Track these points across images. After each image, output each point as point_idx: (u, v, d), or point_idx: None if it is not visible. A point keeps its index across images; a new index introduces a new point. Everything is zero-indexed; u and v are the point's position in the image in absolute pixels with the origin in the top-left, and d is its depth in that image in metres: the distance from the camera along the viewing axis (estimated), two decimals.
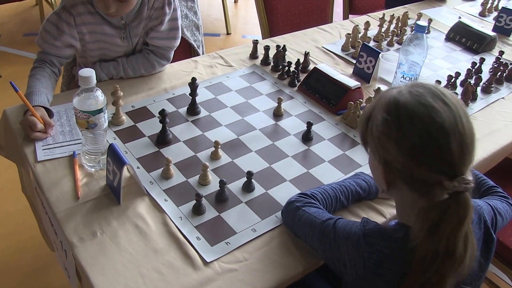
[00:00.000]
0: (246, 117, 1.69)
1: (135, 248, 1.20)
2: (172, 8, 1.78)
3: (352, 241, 1.06)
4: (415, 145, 0.96)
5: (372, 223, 1.08)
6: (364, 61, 1.98)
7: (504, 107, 1.96)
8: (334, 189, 1.32)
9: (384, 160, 1.03)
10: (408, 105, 0.98)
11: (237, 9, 5.21)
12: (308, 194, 1.27)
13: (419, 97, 0.98)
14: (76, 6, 1.63)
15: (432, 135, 0.95)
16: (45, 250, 1.98)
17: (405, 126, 0.97)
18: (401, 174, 1.01)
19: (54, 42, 1.65)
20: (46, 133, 1.48)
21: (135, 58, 1.81)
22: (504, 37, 2.52)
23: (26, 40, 4.05)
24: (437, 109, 0.96)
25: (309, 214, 1.20)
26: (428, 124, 0.96)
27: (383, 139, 1.01)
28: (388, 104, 1.01)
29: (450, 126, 0.95)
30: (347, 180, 1.38)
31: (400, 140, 0.98)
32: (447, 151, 0.95)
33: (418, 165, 0.97)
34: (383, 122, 1.00)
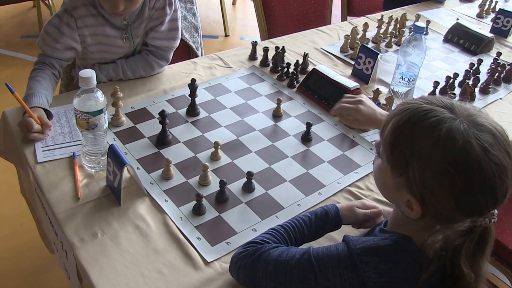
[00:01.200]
0: (245, 118, 1.70)
1: (136, 249, 1.20)
2: (173, 9, 1.79)
3: (346, 265, 0.99)
4: (477, 204, 0.92)
5: (356, 240, 1.02)
6: (362, 62, 1.99)
7: (502, 108, 1.96)
8: (286, 226, 1.16)
9: (424, 200, 0.95)
10: (483, 167, 0.89)
11: (235, 11, 5.22)
12: (258, 241, 1.10)
13: (491, 154, 0.89)
14: (77, 9, 1.63)
15: (496, 196, 0.91)
16: (44, 253, 1.97)
17: (474, 189, 0.90)
18: (439, 214, 0.96)
19: (55, 44, 1.65)
20: (44, 133, 1.48)
21: (134, 59, 1.81)
22: (501, 39, 2.53)
23: (23, 42, 4.04)
24: (506, 167, 0.90)
25: (276, 259, 1.04)
26: (497, 187, 0.90)
27: (439, 190, 0.92)
28: (454, 156, 0.89)
29: (511, 181, 0.92)
30: (301, 215, 1.21)
31: (462, 199, 0.91)
32: (500, 204, 0.94)
33: (465, 215, 0.95)
34: (448, 178, 0.90)
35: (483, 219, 0.94)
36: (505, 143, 0.92)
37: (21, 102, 1.44)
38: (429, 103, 0.97)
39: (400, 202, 1.00)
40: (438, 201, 0.93)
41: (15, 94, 1.42)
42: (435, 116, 0.93)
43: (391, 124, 0.99)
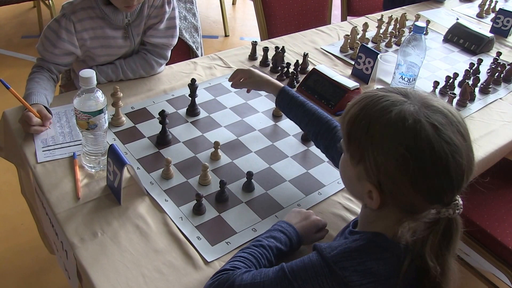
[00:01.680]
0: (245, 118, 1.70)
1: (136, 248, 1.20)
2: (171, 7, 1.80)
3: (325, 274, 0.96)
4: (433, 186, 0.91)
5: (328, 248, 0.99)
6: (362, 62, 1.99)
7: (502, 108, 1.97)
8: (252, 253, 1.12)
9: (382, 186, 0.95)
10: (434, 145, 0.89)
11: (235, 11, 5.22)
12: (228, 269, 1.08)
13: (442, 132, 0.90)
14: (76, 13, 1.63)
15: (451, 176, 0.91)
16: (44, 253, 1.98)
17: (427, 169, 0.90)
18: (399, 202, 0.96)
19: (53, 49, 1.65)
20: (44, 126, 1.49)
21: (132, 59, 1.81)
22: (501, 38, 2.53)
23: (24, 43, 4.04)
24: (459, 147, 0.90)
25: (251, 282, 1.01)
26: (451, 167, 0.90)
27: (394, 172, 0.92)
28: (405, 135, 0.90)
29: (466, 163, 0.92)
30: (263, 237, 1.17)
31: (417, 181, 0.91)
32: (458, 188, 0.93)
33: (425, 200, 0.94)
34: (400, 158, 0.90)
35: (446, 210, 0.93)
36: (458, 124, 0.93)
37: (17, 96, 1.44)
38: (384, 90, 0.99)
39: (363, 194, 1.00)
40: (394, 185, 0.93)
41: (11, 89, 1.43)
42: (387, 100, 0.95)
43: (348, 113, 1.00)
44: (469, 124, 0.99)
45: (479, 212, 1.94)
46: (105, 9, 1.66)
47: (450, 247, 0.96)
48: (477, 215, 1.92)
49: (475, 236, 1.91)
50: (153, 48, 1.83)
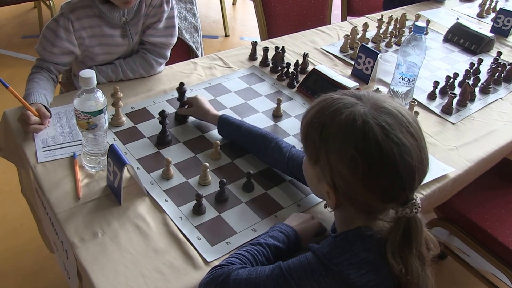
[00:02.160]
0: (245, 118, 1.70)
1: (136, 248, 1.20)
2: (170, 6, 1.80)
3: (321, 272, 0.98)
4: (383, 185, 0.95)
5: (321, 247, 1.01)
6: (362, 62, 1.99)
7: (502, 108, 1.97)
8: (249, 251, 1.13)
9: (336, 186, 0.99)
10: (382, 146, 0.92)
11: (235, 11, 5.22)
12: (224, 265, 1.09)
13: (390, 133, 0.92)
14: (74, 11, 1.63)
15: (401, 176, 0.94)
16: (44, 252, 1.98)
17: (376, 168, 0.93)
18: (354, 202, 0.99)
19: (52, 49, 1.65)
20: (43, 124, 1.49)
21: (132, 59, 1.81)
22: (502, 38, 2.53)
23: (24, 43, 4.05)
24: (407, 147, 0.93)
25: (246, 278, 1.03)
26: (399, 166, 0.93)
27: (345, 172, 0.95)
28: (354, 136, 0.93)
29: (417, 163, 0.94)
30: (262, 236, 1.19)
31: (367, 181, 0.94)
32: (410, 187, 0.96)
33: (378, 199, 0.97)
34: (350, 159, 0.93)
35: (403, 209, 0.96)
36: (408, 125, 0.95)
37: (16, 96, 1.44)
38: (340, 93, 1.03)
39: (324, 194, 1.03)
40: (347, 184, 0.96)
41: (10, 88, 1.43)
42: (340, 102, 0.99)
43: (305, 116, 1.04)
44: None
45: (479, 212, 1.94)
46: (102, 7, 1.66)
47: (411, 246, 0.98)
48: (477, 215, 1.92)
49: (475, 236, 1.91)
50: (153, 48, 1.83)
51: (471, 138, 1.73)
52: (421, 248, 0.99)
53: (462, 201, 1.96)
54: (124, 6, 1.66)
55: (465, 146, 1.69)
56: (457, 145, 1.69)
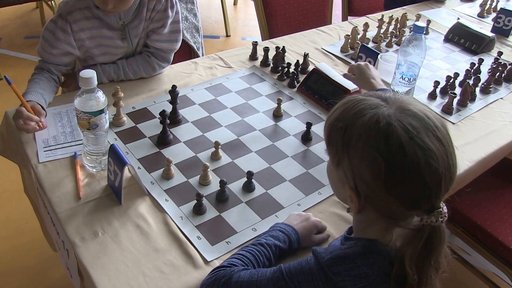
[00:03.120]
0: (246, 118, 1.70)
1: (137, 248, 1.21)
2: (174, 11, 1.79)
3: (320, 278, 0.97)
4: (406, 191, 0.91)
5: (324, 252, 1.00)
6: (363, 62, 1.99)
7: (503, 108, 1.97)
8: (251, 251, 1.14)
9: (358, 189, 0.95)
10: (405, 149, 0.88)
11: (236, 11, 5.22)
12: (226, 266, 1.09)
13: (414, 136, 0.89)
14: (72, 13, 1.62)
15: (426, 182, 0.90)
16: (48, 251, 1.98)
17: (399, 173, 0.89)
18: (378, 207, 0.96)
19: (51, 50, 1.65)
20: (37, 123, 1.47)
21: (135, 61, 1.81)
22: (502, 38, 2.53)
23: (26, 43, 4.06)
24: (433, 151, 0.89)
25: (248, 280, 1.03)
26: (424, 171, 0.89)
27: (368, 176, 0.92)
28: (376, 138, 0.90)
29: (443, 169, 0.90)
30: (263, 237, 1.20)
31: (390, 185, 0.91)
32: (436, 195, 0.92)
33: (401, 206, 0.93)
34: (373, 161, 0.90)
35: (429, 217, 0.92)
36: (435, 128, 0.91)
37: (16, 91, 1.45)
38: (365, 95, 1.00)
39: (347, 198, 1.00)
40: (369, 188, 0.93)
41: (12, 85, 1.43)
42: (364, 103, 0.95)
43: (329, 118, 1.02)
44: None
45: (480, 212, 1.94)
46: (97, 10, 1.65)
47: (430, 257, 0.94)
48: (478, 215, 1.92)
49: (476, 236, 1.92)
50: (157, 52, 1.84)
51: (472, 138, 1.74)
52: (440, 259, 0.96)
53: (462, 201, 1.96)
54: (102, 8, 1.61)
55: (465, 146, 1.70)
56: (457, 145, 1.66)
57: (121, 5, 1.61)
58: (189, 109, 1.72)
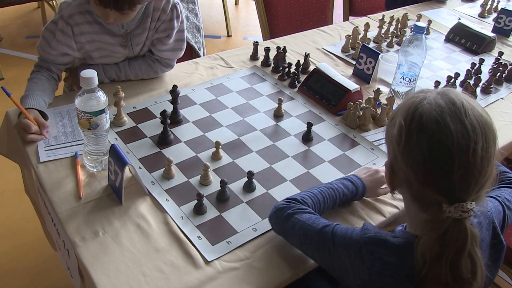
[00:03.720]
0: (246, 118, 1.71)
1: (137, 248, 1.21)
2: (180, 21, 1.78)
3: (354, 249, 1.04)
4: (419, 162, 0.95)
5: (372, 230, 1.05)
6: (364, 62, 1.99)
7: (504, 108, 1.96)
8: (322, 192, 1.28)
9: (390, 163, 1.05)
10: (423, 118, 0.95)
11: (237, 11, 5.22)
12: (298, 200, 1.23)
13: (437, 112, 0.94)
14: (73, 16, 1.61)
15: (434, 156, 0.93)
16: (49, 251, 1.99)
17: (412, 140, 0.95)
18: (405, 182, 1.01)
19: (51, 51, 1.65)
20: (41, 134, 1.49)
21: (138, 64, 1.81)
22: (503, 38, 2.53)
23: (28, 43, 4.06)
24: (450, 129, 0.92)
25: (304, 222, 1.15)
26: (434, 144, 0.93)
27: (394, 144, 1.00)
28: (408, 110, 0.98)
29: (457, 150, 0.91)
30: (334, 182, 1.34)
31: (405, 152, 0.97)
32: (448, 176, 0.92)
33: (418, 180, 0.96)
34: (398, 127, 0.99)
35: (448, 207, 0.93)
36: (464, 114, 0.94)
37: (18, 105, 1.46)
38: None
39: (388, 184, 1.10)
40: (396, 160, 1.00)
41: (12, 97, 1.43)
42: (415, 94, 1.03)
43: None
44: None
45: None
46: (98, 17, 1.63)
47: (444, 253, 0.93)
48: None
49: None
50: (161, 59, 1.83)
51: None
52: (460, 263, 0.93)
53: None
54: (105, 21, 1.61)
55: None
56: None
57: (122, 19, 1.59)
58: (190, 109, 1.72)
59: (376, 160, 1.57)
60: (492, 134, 0.95)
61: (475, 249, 0.94)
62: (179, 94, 1.62)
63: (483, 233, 1.05)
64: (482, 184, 0.95)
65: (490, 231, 1.10)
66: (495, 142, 0.96)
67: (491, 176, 0.96)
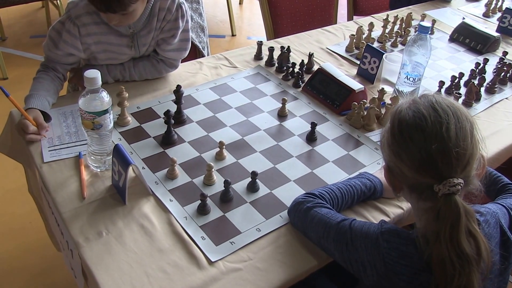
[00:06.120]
0: (250, 118, 1.70)
1: (141, 248, 1.21)
2: (185, 20, 1.78)
3: (371, 240, 1.08)
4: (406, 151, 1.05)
5: (389, 224, 1.11)
6: (368, 62, 1.99)
7: (508, 107, 1.96)
8: (340, 189, 1.32)
9: (387, 165, 1.13)
10: (402, 113, 1.07)
11: (242, 10, 5.22)
12: (316, 194, 1.28)
13: (412, 105, 1.07)
14: (81, 17, 1.61)
15: (414, 139, 1.03)
16: (52, 251, 1.99)
17: (396, 134, 1.07)
18: (401, 177, 1.09)
19: (57, 51, 1.65)
20: (40, 134, 1.49)
21: (142, 65, 1.81)
22: (508, 38, 2.51)
23: (32, 42, 4.07)
24: (423, 114, 1.03)
25: (322, 215, 1.20)
26: (411, 128, 1.04)
27: (385, 145, 1.12)
28: (391, 115, 1.11)
29: (432, 130, 1.01)
30: (353, 179, 1.38)
31: (394, 147, 1.07)
32: (429, 156, 1.01)
33: (410, 169, 1.04)
34: (385, 130, 1.11)
35: (437, 186, 1.00)
36: (434, 103, 1.05)
37: (16, 104, 1.45)
38: None
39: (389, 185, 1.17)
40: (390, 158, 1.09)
41: (10, 97, 1.43)
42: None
43: None
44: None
45: None
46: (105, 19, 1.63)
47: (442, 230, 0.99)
48: None
49: None
50: (166, 59, 1.83)
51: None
52: (459, 238, 0.98)
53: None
54: (116, 25, 1.63)
55: None
56: None
57: (126, 21, 1.59)
58: (193, 109, 1.72)
59: (380, 160, 1.56)
60: (465, 115, 1.05)
61: (472, 225, 0.99)
62: (183, 94, 1.62)
63: (490, 230, 1.10)
64: (464, 161, 1.01)
65: (498, 229, 1.13)
66: (469, 122, 1.04)
67: (473, 154, 1.03)
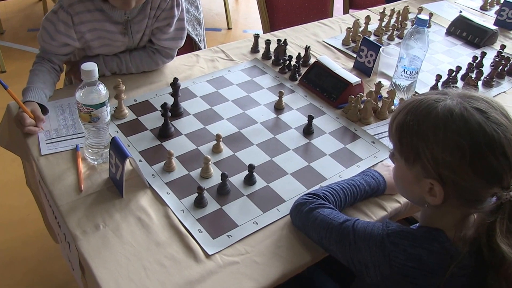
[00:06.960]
0: (247, 111, 1.70)
1: (138, 241, 1.21)
2: (180, 9, 1.78)
3: (376, 242, 1.06)
4: (491, 166, 0.96)
5: (394, 224, 1.08)
6: (364, 55, 1.99)
7: (506, 101, 1.96)
8: (344, 189, 1.30)
9: (443, 178, 0.99)
10: (485, 127, 0.96)
11: (238, 4, 5.21)
12: (319, 195, 1.25)
13: (489, 115, 0.97)
14: (74, 5, 1.60)
15: (506, 154, 0.96)
16: (49, 243, 2.00)
17: (483, 149, 0.96)
18: (462, 190, 1.00)
19: (51, 41, 1.65)
20: (37, 127, 1.49)
21: (139, 56, 1.81)
22: (505, 31, 2.51)
23: (30, 36, 4.06)
24: (506, 126, 0.97)
25: (324, 216, 1.18)
26: (505, 145, 0.96)
27: (453, 161, 0.97)
28: (456, 124, 0.97)
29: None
30: (356, 178, 1.36)
31: (476, 163, 0.96)
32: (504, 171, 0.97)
33: (486, 183, 0.98)
34: (456, 147, 0.96)
35: (507, 193, 0.97)
36: (500, 108, 1.01)
37: (14, 97, 1.44)
38: (423, 94, 1.08)
39: (424, 194, 1.05)
40: (455, 173, 0.97)
41: (9, 90, 1.43)
42: (429, 99, 1.03)
43: (394, 122, 1.08)
44: None
45: None
46: (103, 5, 1.63)
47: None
48: None
49: None
50: (162, 49, 1.83)
51: None
52: None
53: None
54: (124, 8, 1.62)
55: None
56: None
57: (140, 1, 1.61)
58: (190, 102, 1.72)
59: (377, 154, 1.56)
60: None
61: None
62: (179, 87, 1.62)
63: None
64: None
65: None
66: None
67: None
